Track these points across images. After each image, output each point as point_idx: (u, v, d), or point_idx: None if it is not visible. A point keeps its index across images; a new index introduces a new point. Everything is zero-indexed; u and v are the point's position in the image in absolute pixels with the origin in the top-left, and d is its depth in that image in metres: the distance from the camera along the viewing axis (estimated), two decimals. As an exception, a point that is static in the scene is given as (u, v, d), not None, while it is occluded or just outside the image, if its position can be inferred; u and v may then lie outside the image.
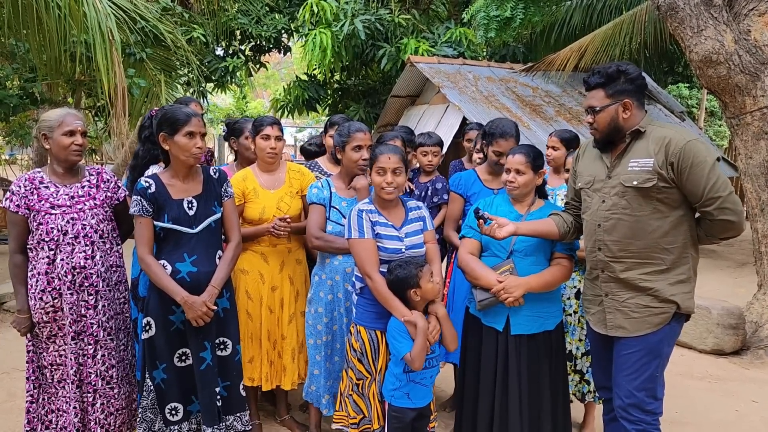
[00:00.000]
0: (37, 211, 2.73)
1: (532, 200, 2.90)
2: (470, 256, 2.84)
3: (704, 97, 12.82)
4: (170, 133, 2.65)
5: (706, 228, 2.42)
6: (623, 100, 2.42)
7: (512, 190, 2.84)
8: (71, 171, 2.85)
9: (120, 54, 5.64)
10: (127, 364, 2.99)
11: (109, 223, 2.89)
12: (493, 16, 8.80)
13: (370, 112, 11.31)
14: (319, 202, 3.09)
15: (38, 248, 2.74)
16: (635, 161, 2.41)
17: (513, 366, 2.73)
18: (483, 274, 2.72)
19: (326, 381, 3.12)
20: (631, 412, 2.46)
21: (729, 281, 7.63)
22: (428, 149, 3.78)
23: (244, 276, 3.25)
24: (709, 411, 4.00)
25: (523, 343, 2.74)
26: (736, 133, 5.35)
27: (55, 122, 2.76)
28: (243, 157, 3.65)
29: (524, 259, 2.75)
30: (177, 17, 8.73)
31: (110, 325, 2.88)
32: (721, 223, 2.35)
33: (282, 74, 25.85)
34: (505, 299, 2.64)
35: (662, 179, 2.35)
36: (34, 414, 2.86)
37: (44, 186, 2.78)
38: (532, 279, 2.68)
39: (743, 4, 5.12)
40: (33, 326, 2.79)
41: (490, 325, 2.79)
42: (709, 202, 2.32)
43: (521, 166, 2.79)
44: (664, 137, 2.37)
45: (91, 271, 2.78)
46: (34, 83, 7.30)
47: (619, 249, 2.47)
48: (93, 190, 2.87)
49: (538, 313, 2.75)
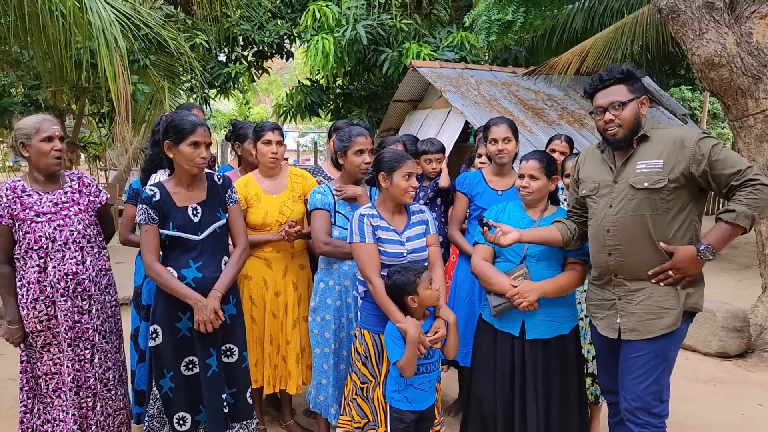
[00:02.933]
0: (22, 220, 2.71)
1: (545, 206, 2.91)
2: (484, 262, 2.85)
3: (707, 100, 12.81)
4: (175, 142, 2.65)
5: (748, 200, 2.30)
6: (643, 95, 2.46)
7: (526, 195, 2.85)
8: (52, 178, 2.83)
9: (124, 61, 5.67)
10: (120, 366, 3.00)
11: (95, 227, 2.89)
12: (495, 20, 8.81)
13: (372, 116, 11.33)
14: (324, 208, 3.09)
15: (26, 257, 2.72)
16: (643, 163, 2.42)
17: (530, 371, 2.73)
18: (497, 279, 2.73)
19: (334, 390, 3.12)
20: (638, 415, 2.46)
21: (733, 284, 7.61)
22: (431, 156, 3.79)
23: (248, 282, 3.26)
24: (714, 414, 3.98)
25: (539, 347, 2.74)
26: (738, 136, 5.34)
27: (32, 129, 2.72)
28: (247, 162, 3.66)
29: (537, 264, 2.76)
30: (180, 24, 8.77)
31: (104, 329, 2.89)
32: (761, 189, 2.29)
33: (284, 80, 25.90)
34: (520, 304, 2.64)
35: (675, 179, 2.36)
36: (28, 424, 2.84)
37: (26, 194, 2.75)
38: (546, 284, 2.69)
39: (745, 7, 5.12)
40: (26, 336, 2.77)
41: (505, 331, 2.79)
42: (746, 172, 2.30)
43: (535, 171, 2.80)
44: (675, 136, 2.41)
45: (83, 276, 2.78)
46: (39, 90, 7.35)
47: (630, 252, 2.47)
48: (76, 195, 2.86)
49: (552, 318, 2.75)
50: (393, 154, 2.76)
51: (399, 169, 2.69)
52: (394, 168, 2.69)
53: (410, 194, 2.73)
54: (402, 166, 2.70)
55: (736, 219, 2.31)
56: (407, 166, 2.71)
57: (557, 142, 3.70)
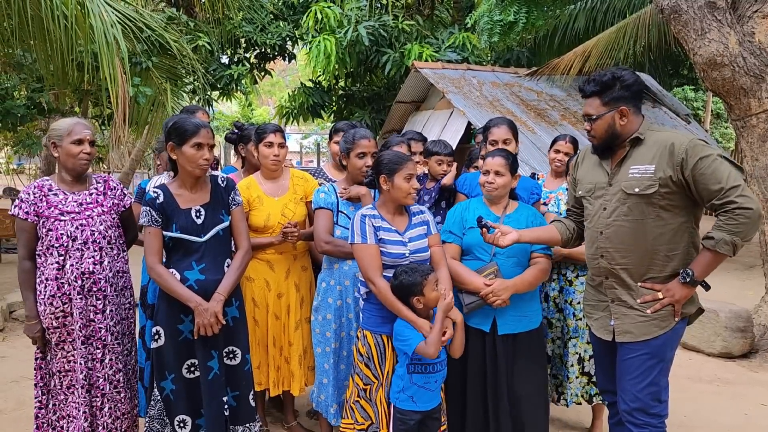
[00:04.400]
0: (46, 217, 2.76)
1: (507, 202, 2.97)
2: (454, 261, 2.89)
3: (710, 100, 12.79)
4: (178, 143, 2.67)
5: (727, 226, 2.26)
6: (619, 107, 2.41)
7: (491, 191, 2.91)
8: (79, 179, 2.89)
9: (126, 63, 5.68)
10: (130, 369, 3.02)
11: (116, 229, 2.93)
12: (497, 21, 8.83)
13: (375, 117, 11.34)
14: (327, 207, 3.10)
15: (47, 254, 2.77)
16: (635, 168, 2.41)
17: (502, 366, 2.80)
18: (469, 278, 2.79)
19: (334, 390, 3.12)
20: (637, 416, 2.45)
21: (737, 284, 7.59)
22: (443, 158, 3.78)
23: (250, 284, 3.27)
24: (717, 415, 3.98)
25: (510, 342, 2.82)
26: (741, 136, 5.34)
27: (65, 131, 2.79)
28: (250, 163, 3.66)
29: (507, 260, 2.83)
30: (182, 26, 8.80)
31: (117, 330, 2.91)
32: (742, 213, 2.22)
33: (287, 81, 25.94)
34: (494, 302, 2.71)
35: (665, 185, 2.34)
36: (43, 419, 2.88)
37: (53, 193, 2.81)
38: (518, 280, 2.78)
39: (747, 6, 5.12)
40: (44, 332, 2.81)
41: (476, 327, 2.84)
42: (729, 192, 2.24)
43: (501, 168, 2.87)
44: (666, 141, 2.36)
45: (100, 276, 2.81)
46: (41, 93, 7.38)
47: (621, 256, 2.46)
48: (101, 197, 2.91)
49: (522, 313, 2.84)
50: (393, 156, 2.76)
51: (399, 171, 2.69)
52: (394, 170, 2.69)
53: (412, 196, 2.73)
54: (402, 168, 2.70)
55: (715, 246, 2.29)
56: (408, 167, 2.71)
57: (562, 142, 3.69)
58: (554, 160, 3.66)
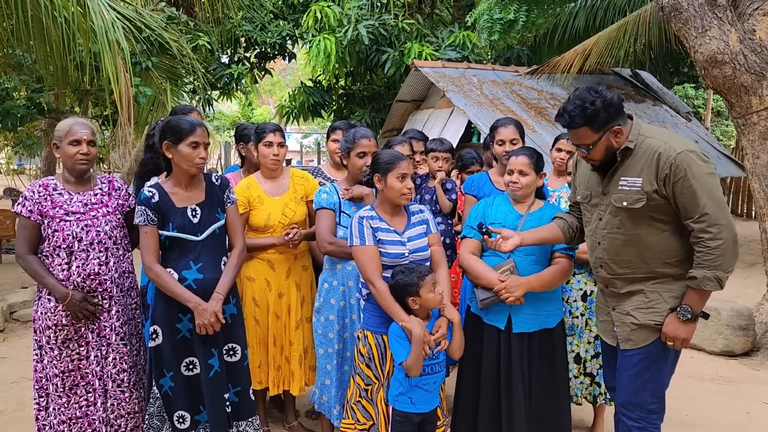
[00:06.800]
0: (51, 217, 2.75)
1: (532, 201, 2.93)
2: (472, 256, 2.86)
3: (710, 97, 12.77)
4: (174, 142, 2.68)
5: (706, 262, 2.24)
6: (612, 127, 2.33)
7: (515, 191, 2.86)
8: (82, 179, 2.89)
9: (127, 63, 5.67)
10: (140, 369, 3.01)
11: (121, 229, 2.93)
12: (497, 19, 8.81)
13: (375, 117, 11.33)
14: (329, 207, 3.09)
15: (54, 254, 2.76)
16: (625, 179, 2.37)
17: (516, 364, 2.75)
18: (484, 273, 2.75)
19: (337, 391, 3.11)
20: (632, 410, 2.46)
21: (738, 282, 7.57)
22: (439, 155, 3.79)
23: (251, 283, 3.26)
24: (719, 413, 3.97)
25: (525, 341, 2.77)
26: (742, 133, 5.33)
27: (63, 132, 2.80)
28: (251, 163, 3.66)
29: (525, 258, 2.78)
30: (182, 26, 8.77)
31: (123, 330, 2.90)
32: (717, 246, 2.20)
33: (287, 81, 25.93)
34: (506, 298, 2.67)
35: (652, 198, 2.30)
36: (44, 422, 2.87)
37: (58, 193, 2.81)
38: (533, 279, 2.72)
39: (748, 4, 5.10)
40: (86, 297, 2.74)
41: (491, 324, 2.81)
42: (702, 218, 2.22)
43: (525, 167, 2.83)
44: (654, 151, 2.30)
45: (105, 276, 2.81)
46: (41, 93, 7.36)
47: (619, 267, 2.46)
48: (105, 197, 2.91)
49: (539, 312, 2.79)
50: (387, 155, 2.74)
51: (392, 171, 2.67)
52: (387, 169, 2.68)
53: (406, 196, 2.70)
54: (395, 167, 2.67)
55: (699, 285, 2.27)
56: (400, 167, 2.68)
57: (563, 141, 3.68)
58: (556, 159, 3.65)
